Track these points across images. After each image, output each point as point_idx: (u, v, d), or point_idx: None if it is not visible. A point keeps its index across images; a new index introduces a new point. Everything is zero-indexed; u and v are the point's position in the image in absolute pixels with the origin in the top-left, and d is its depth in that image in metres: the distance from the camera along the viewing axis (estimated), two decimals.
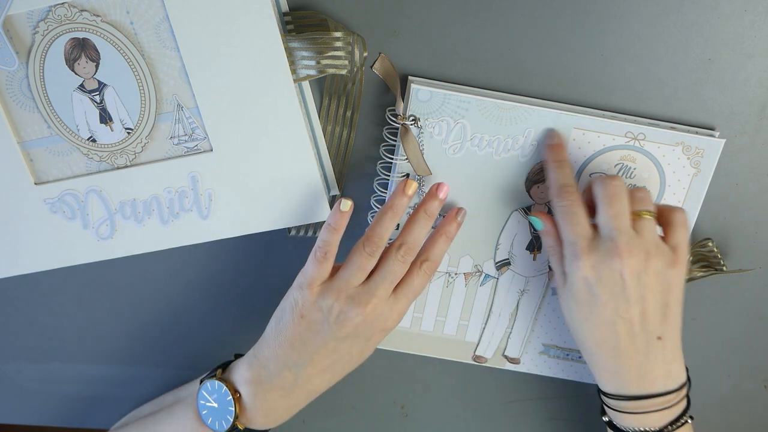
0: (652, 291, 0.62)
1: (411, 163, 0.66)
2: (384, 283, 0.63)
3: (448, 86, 0.66)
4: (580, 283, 0.62)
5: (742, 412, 0.79)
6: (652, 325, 0.62)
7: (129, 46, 0.63)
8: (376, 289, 0.63)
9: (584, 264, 0.61)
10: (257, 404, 0.65)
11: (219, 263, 0.74)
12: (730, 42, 0.65)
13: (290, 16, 0.64)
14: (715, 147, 0.66)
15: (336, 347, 0.64)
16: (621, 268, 0.60)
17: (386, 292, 0.63)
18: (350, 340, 0.64)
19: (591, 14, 0.64)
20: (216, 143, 0.66)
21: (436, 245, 0.66)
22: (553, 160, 0.65)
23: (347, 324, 0.62)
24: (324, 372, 0.65)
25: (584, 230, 0.62)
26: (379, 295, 0.63)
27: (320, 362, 0.64)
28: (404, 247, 0.64)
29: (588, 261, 0.61)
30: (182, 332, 0.78)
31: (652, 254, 0.61)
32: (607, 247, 0.61)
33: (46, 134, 0.66)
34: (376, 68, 0.65)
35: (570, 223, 0.62)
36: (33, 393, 0.81)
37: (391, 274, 0.63)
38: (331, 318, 0.62)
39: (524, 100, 0.66)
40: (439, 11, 0.64)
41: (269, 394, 0.65)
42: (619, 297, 0.61)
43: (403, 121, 0.66)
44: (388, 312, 0.64)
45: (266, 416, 0.66)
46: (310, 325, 0.63)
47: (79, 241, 0.69)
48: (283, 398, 0.66)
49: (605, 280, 0.61)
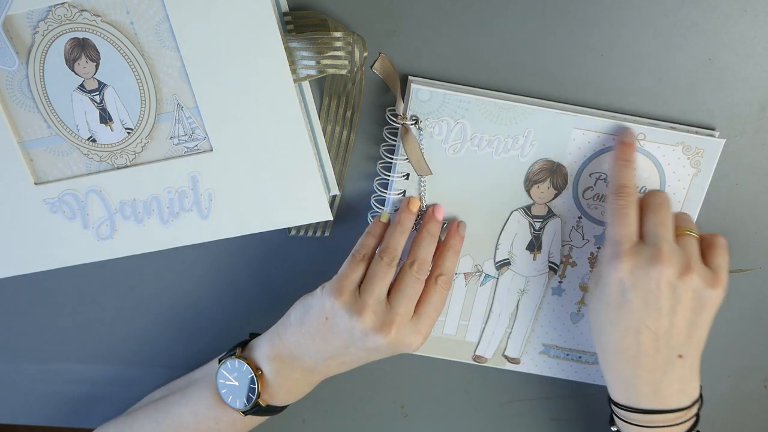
0: (684, 306, 0.61)
1: (411, 163, 0.66)
2: (404, 299, 0.64)
3: (448, 86, 0.66)
4: (615, 285, 0.61)
5: (742, 412, 0.79)
6: (676, 341, 0.62)
7: (129, 46, 0.63)
8: (398, 308, 0.64)
9: (624, 266, 0.60)
10: (280, 381, 0.66)
11: (219, 263, 0.74)
12: (730, 42, 0.65)
13: (290, 16, 0.64)
14: (715, 147, 0.66)
15: (356, 353, 0.65)
16: (659, 276, 0.60)
17: (407, 311, 0.64)
18: (372, 352, 0.65)
19: (591, 14, 0.64)
20: (216, 143, 0.66)
21: (446, 259, 0.67)
22: (621, 158, 0.65)
23: (369, 343, 0.63)
24: (342, 365, 0.67)
25: (631, 233, 0.62)
26: (401, 314, 0.64)
27: (339, 358, 0.65)
28: (416, 263, 0.65)
29: (628, 264, 0.60)
30: (182, 332, 0.78)
31: (693, 269, 0.60)
32: (650, 253, 0.60)
33: (46, 134, 0.66)
34: (376, 68, 0.65)
35: (620, 223, 0.62)
36: (33, 393, 0.81)
37: (410, 289, 0.64)
38: (356, 333, 0.63)
39: (524, 100, 0.66)
40: (439, 11, 0.64)
41: (293, 372, 0.67)
42: (650, 305, 0.60)
43: (403, 121, 0.66)
44: (412, 336, 0.65)
45: (288, 392, 0.68)
46: (334, 329, 0.64)
47: (79, 241, 0.69)
48: (304, 377, 0.67)
49: (641, 286, 0.60)
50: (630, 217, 0.62)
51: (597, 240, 0.71)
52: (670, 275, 0.59)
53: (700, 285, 0.60)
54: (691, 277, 0.60)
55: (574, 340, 0.75)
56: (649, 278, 0.60)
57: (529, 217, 0.70)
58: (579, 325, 0.74)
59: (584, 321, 0.74)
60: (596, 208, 0.69)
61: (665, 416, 0.63)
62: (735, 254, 0.71)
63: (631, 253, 0.60)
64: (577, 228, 0.70)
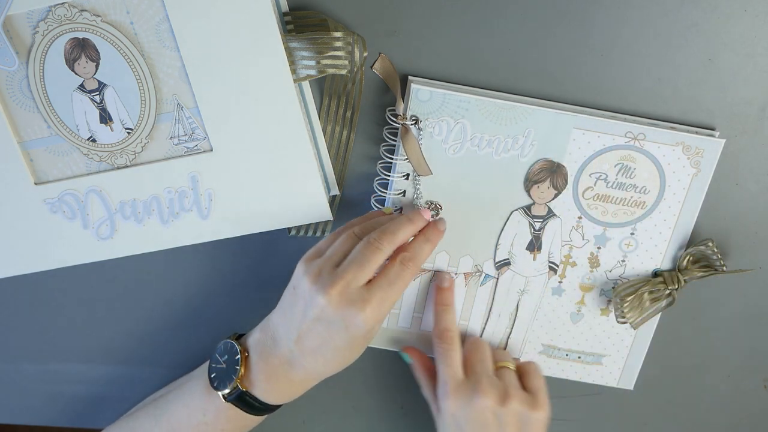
0: (511, 429, 0.66)
1: (411, 163, 0.66)
2: (352, 264, 0.61)
3: (448, 86, 0.66)
4: (450, 419, 0.67)
5: (742, 412, 0.79)
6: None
7: (129, 46, 0.63)
8: (345, 272, 0.61)
9: (452, 403, 0.67)
10: (261, 366, 0.64)
11: (219, 263, 0.74)
12: (730, 42, 0.65)
13: (290, 16, 0.64)
14: (715, 147, 0.66)
15: (311, 328, 0.62)
16: (483, 407, 0.66)
17: (354, 277, 0.61)
18: (324, 325, 0.61)
19: (591, 14, 0.64)
20: (216, 143, 0.66)
21: (416, 244, 0.65)
22: (441, 303, 0.72)
23: (314, 306, 0.61)
24: (315, 355, 0.63)
25: (456, 372, 0.68)
26: (346, 278, 0.61)
27: (306, 341, 0.62)
28: (378, 232, 0.63)
29: (456, 400, 0.67)
30: (182, 332, 0.78)
31: (511, 395, 0.67)
32: (472, 387, 0.67)
33: (46, 134, 0.66)
34: (376, 68, 0.65)
35: (445, 364, 0.69)
36: (33, 393, 0.81)
37: (361, 255, 0.62)
38: (306, 295, 0.61)
39: (524, 100, 0.66)
40: (439, 11, 0.64)
41: (272, 358, 0.64)
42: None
43: (403, 121, 0.66)
44: (358, 301, 0.60)
45: (268, 381, 0.64)
46: (294, 299, 0.63)
47: (79, 241, 0.69)
48: (285, 369, 0.64)
49: (470, 417, 0.66)
50: (453, 358, 0.69)
51: (597, 240, 0.71)
52: (491, 405, 0.66)
53: (521, 408, 0.67)
54: (511, 403, 0.66)
55: (574, 340, 0.75)
56: (474, 410, 0.66)
57: (529, 217, 0.70)
58: (579, 325, 0.74)
59: (584, 321, 0.74)
60: (596, 208, 0.69)
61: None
62: (735, 254, 0.72)
63: (456, 390, 0.67)
64: (577, 228, 0.70)
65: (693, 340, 0.75)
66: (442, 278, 0.72)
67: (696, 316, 0.74)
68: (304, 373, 0.64)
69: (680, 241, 0.70)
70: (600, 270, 0.72)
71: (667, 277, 0.70)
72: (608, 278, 0.72)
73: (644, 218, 0.69)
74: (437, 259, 0.72)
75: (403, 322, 0.75)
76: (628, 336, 0.74)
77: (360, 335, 0.62)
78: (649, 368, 0.76)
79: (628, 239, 0.70)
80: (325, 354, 0.63)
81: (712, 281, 0.71)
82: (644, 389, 0.77)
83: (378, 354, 0.77)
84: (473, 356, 0.70)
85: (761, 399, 0.78)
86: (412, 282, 0.73)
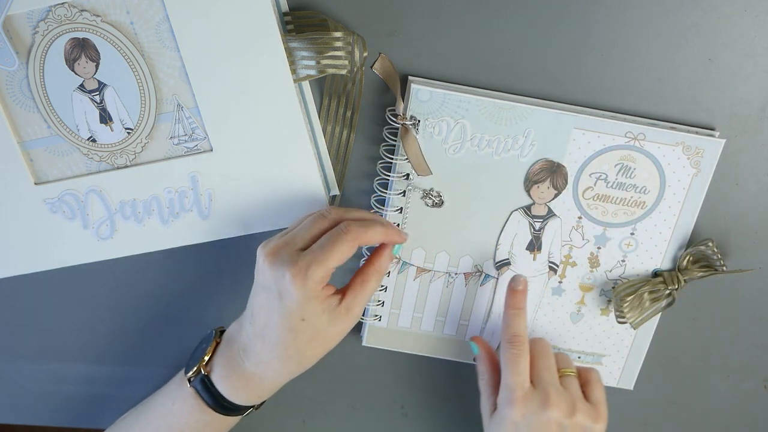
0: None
1: (411, 163, 0.66)
2: (293, 229, 0.62)
3: (448, 86, 0.66)
4: (511, 427, 0.66)
5: (742, 412, 0.79)
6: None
7: (129, 46, 0.63)
8: (286, 235, 0.62)
9: (517, 411, 0.66)
10: (223, 350, 0.65)
11: (219, 263, 0.74)
12: (730, 42, 0.65)
13: (290, 16, 0.64)
14: (715, 147, 0.66)
15: (259, 301, 0.61)
16: (549, 419, 0.65)
17: (293, 239, 0.61)
18: (264, 293, 0.61)
19: (591, 14, 0.64)
20: (216, 143, 0.66)
21: (368, 221, 0.63)
22: (513, 306, 0.70)
23: (258, 271, 0.61)
24: (263, 338, 0.62)
25: (524, 380, 0.67)
26: (285, 240, 0.61)
27: (257, 319, 0.62)
28: (332, 206, 0.64)
29: (521, 409, 0.66)
30: (182, 332, 0.78)
31: (578, 409, 0.66)
32: (540, 399, 0.66)
33: (46, 134, 0.66)
34: (376, 68, 0.65)
35: (513, 372, 0.67)
36: (33, 393, 0.81)
37: (306, 222, 0.62)
38: (257, 265, 0.62)
39: (524, 100, 0.66)
40: (439, 11, 0.64)
41: (233, 343, 0.64)
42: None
43: (403, 121, 0.66)
44: (286, 262, 0.59)
45: (225, 368, 0.64)
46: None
47: (79, 241, 0.69)
48: (240, 356, 0.64)
49: (534, 427, 0.65)
50: (522, 365, 0.67)
51: (597, 240, 0.71)
52: (559, 417, 0.66)
53: (585, 422, 0.66)
54: (577, 416, 0.66)
55: (574, 340, 0.75)
56: (540, 421, 0.65)
57: (529, 217, 0.70)
58: (579, 325, 0.74)
59: (584, 321, 0.74)
60: (596, 208, 0.69)
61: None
62: (735, 254, 0.72)
63: (524, 400, 0.66)
64: (577, 228, 0.70)
65: (693, 340, 0.75)
66: (516, 281, 0.70)
67: (696, 316, 0.74)
68: (255, 362, 0.63)
69: (680, 241, 0.70)
70: (600, 270, 0.72)
71: (667, 277, 0.70)
72: (608, 278, 0.72)
73: (644, 218, 0.69)
74: (437, 259, 0.72)
75: (402, 322, 0.75)
76: (628, 336, 0.74)
77: (293, 308, 0.59)
78: (649, 368, 0.76)
79: (628, 239, 0.70)
80: (269, 336, 0.61)
81: (712, 281, 0.71)
82: (644, 389, 0.77)
83: (378, 354, 0.77)
84: (540, 363, 0.69)
85: (761, 399, 0.78)
86: (412, 282, 0.73)
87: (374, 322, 0.75)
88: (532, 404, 0.66)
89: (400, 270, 0.73)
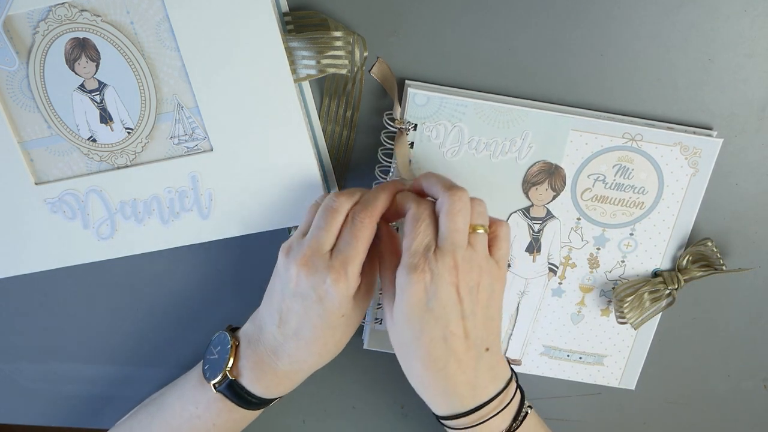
0: (481, 305, 0.60)
1: (398, 166, 0.66)
2: (314, 233, 0.61)
3: (445, 90, 0.66)
4: (417, 296, 0.59)
5: (742, 412, 0.78)
6: (481, 339, 0.60)
7: (129, 46, 0.63)
8: (309, 241, 0.60)
9: (425, 276, 0.58)
10: (249, 355, 0.64)
11: (219, 263, 0.74)
12: (730, 42, 0.65)
13: (290, 16, 0.64)
14: (712, 147, 0.66)
15: (290, 307, 0.61)
16: (458, 283, 0.58)
17: (318, 243, 0.60)
18: (299, 300, 0.61)
19: (590, 14, 0.64)
20: (216, 143, 0.66)
21: (370, 192, 0.63)
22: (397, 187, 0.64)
23: (288, 281, 0.61)
24: (297, 338, 0.62)
25: (430, 241, 0.59)
26: (311, 247, 0.60)
27: (287, 324, 0.62)
28: (334, 192, 0.63)
29: (427, 275, 0.58)
30: (182, 332, 0.78)
31: (484, 270, 0.60)
32: (446, 262, 0.58)
33: (46, 134, 0.66)
34: (374, 73, 0.65)
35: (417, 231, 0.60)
36: (33, 393, 0.81)
37: (321, 220, 0.61)
38: (281, 271, 0.62)
39: (521, 102, 0.66)
40: (439, 11, 0.64)
41: (259, 347, 0.64)
42: (452, 312, 0.59)
43: (400, 125, 0.66)
44: (321, 267, 0.59)
45: (255, 371, 0.64)
46: (273, 281, 0.63)
47: (80, 241, 0.69)
48: (271, 358, 0.64)
49: (440, 295, 0.58)
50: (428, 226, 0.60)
51: (596, 241, 0.71)
52: (467, 281, 0.59)
53: (490, 282, 0.60)
54: (484, 278, 0.60)
55: (575, 341, 0.75)
56: (448, 285, 0.58)
57: (528, 219, 0.70)
58: (579, 326, 0.74)
59: (584, 322, 0.74)
60: (595, 209, 0.69)
61: (488, 407, 0.61)
62: (734, 254, 0.71)
63: (428, 264, 0.58)
64: (576, 229, 0.70)
65: (693, 340, 0.75)
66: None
67: (696, 316, 0.74)
68: (288, 361, 0.64)
69: (679, 241, 0.70)
70: (600, 271, 0.72)
71: (667, 277, 0.70)
72: (608, 279, 0.72)
73: (643, 219, 0.69)
74: None
75: None
76: (629, 336, 0.74)
77: (335, 308, 0.60)
78: (649, 368, 0.76)
79: (628, 240, 0.70)
80: (305, 336, 0.62)
81: (712, 281, 0.71)
82: (644, 389, 0.77)
83: (378, 354, 0.77)
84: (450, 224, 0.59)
85: (761, 399, 0.78)
86: None
87: (375, 325, 0.75)
88: (437, 266, 0.58)
89: None
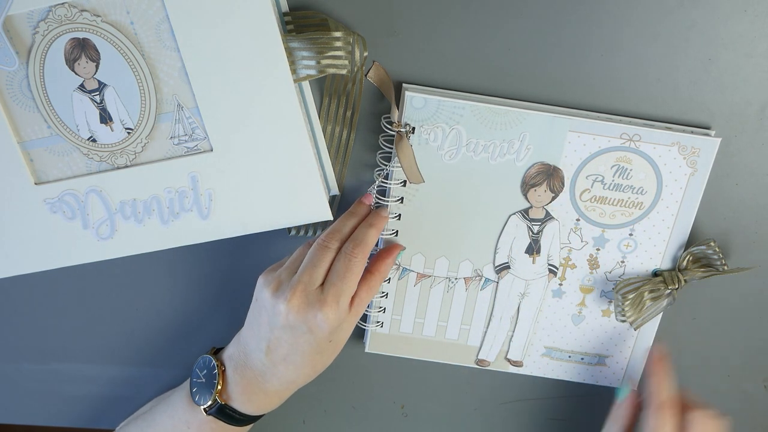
0: None
1: (404, 171, 0.66)
2: (306, 266, 0.63)
3: (443, 92, 0.66)
4: None
5: (742, 412, 0.78)
6: None
7: (129, 46, 0.63)
8: (300, 275, 0.62)
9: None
10: (237, 379, 0.66)
11: (219, 263, 0.74)
12: (730, 42, 0.65)
13: (290, 16, 0.65)
14: (710, 146, 0.66)
15: (279, 338, 0.63)
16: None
17: (310, 278, 0.62)
18: (289, 332, 0.63)
19: (589, 15, 0.64)
20: (216, 143, 0.66)
21: (359, 230, 0.65)
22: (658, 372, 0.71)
23: (277, 315, 0.62)
24: (286, 363, 0.64)
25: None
26: (303, 281, 0.62)
27: (276, 351, 0.64)
28: (326, 233, 0.64)
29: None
30: (182, 332, 0.78)
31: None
32: None
33: (46, 134, 0.66)
34: (370, 77, 0.65)
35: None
36: (33, 393, 0.81)
37: (314, 256, 0.63)
38: (268, 305, 0.63)
39: (518, 104, 0.66)
40: (438, 12, 0.64)
41: (247, 371, 0.66)
42: None
43: (398, 128, 0.66)
44: (315, 302, 0.62)
45: (244, 393, 0.66)
46: (256, 310, 0.65)
47: (79, 241, 0.69)
48: (259, 381, 0.66)
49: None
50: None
51: (596, 242, 0.70)
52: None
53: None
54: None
55: (576, 341, 0.75)
56: None
57: (527, 221, 0.70)
58: (580, 326, 0.74)
59: (585, 323, 0.74)
60: (594, 210, 0.69)
61: None
62: (735, 254, 0.71)
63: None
64: (576, 230, 0.70)
65: (693, 340, 0.75)
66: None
67: (696, 316, 0.74)
68: (278, 383, 0.66)
69: (679, 241, 0.70)
70: (600, 271, 0.72)
71: (667, 277, 0.70)
72: (608, 279, 0.72)
73: (642, 219, 0.69)
74: (437, 264, 0.72)
75: (404, 328, 0.75)
76: (630, 337, 0.74)
77: (324, 336, 0.63)
78: None
79: (627, 240, 0.70)
80: (295, 361, 0.64)
81: (712, 281, 0.71)
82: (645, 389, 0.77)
83: (378, 356, 0.77)
84: None
85: (761, 399, 0.78)
86: (412, 288, 0.73)
87: (376, 328, 0.75)
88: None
89: (401, 276, 0.73)
